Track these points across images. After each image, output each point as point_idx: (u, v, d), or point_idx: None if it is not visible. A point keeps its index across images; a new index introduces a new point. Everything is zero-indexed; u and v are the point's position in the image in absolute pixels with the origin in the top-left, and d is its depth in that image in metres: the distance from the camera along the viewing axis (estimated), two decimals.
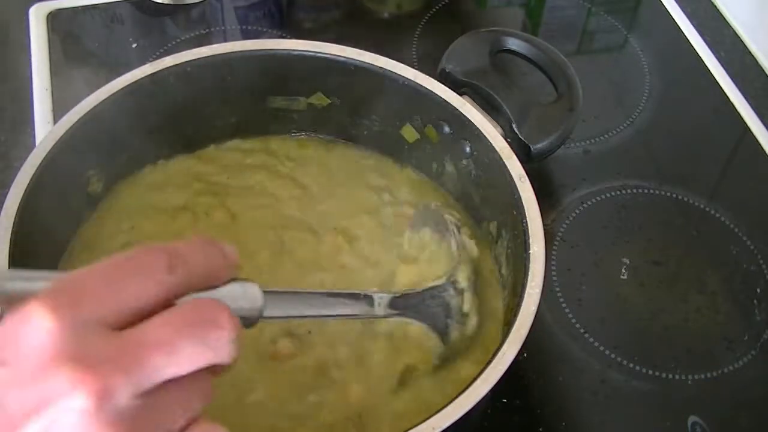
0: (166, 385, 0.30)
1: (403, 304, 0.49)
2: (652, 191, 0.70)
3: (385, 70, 0.58)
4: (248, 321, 0.35)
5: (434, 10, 0.83)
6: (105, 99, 0.55)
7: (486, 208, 0.58)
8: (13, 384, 0.29)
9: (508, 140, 0.56)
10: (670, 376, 0.59)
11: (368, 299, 0.46)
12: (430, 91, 0.57)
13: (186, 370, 0.31)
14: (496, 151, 0.54)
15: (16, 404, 0.28)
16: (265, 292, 0.36)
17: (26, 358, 0.29)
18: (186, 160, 0.62)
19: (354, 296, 0.45)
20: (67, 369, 0.28)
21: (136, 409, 0.29)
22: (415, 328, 0.51)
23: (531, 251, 0.49)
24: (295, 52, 0.59)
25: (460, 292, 0.53)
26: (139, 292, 0.31)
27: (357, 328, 0.53)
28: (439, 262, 0.55)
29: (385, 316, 0.47)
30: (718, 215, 0.68)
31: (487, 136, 0.55)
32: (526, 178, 0.53)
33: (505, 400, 0.56)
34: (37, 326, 0.29)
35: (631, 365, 0.59)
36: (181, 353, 0.30)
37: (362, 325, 0.52)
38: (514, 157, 0.54)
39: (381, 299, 0.47)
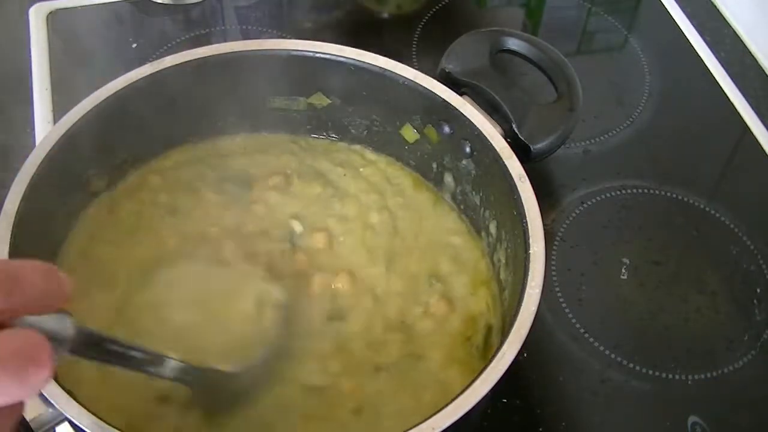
0: None
1: (189, 377, 0.46)
2: (652, 191, 0.70)
3: (385, 70, 0.58)
4: (57, 353, 0.33)
5: (434, 10, 0.83)
6: (105, 99, 0.55)
7: (486, 208, 0.58)
8: None
9: (508, 140, 0.56)
10: (670, 376, 0.59)
11: (169, 365, 0.44)
12: (430, 91, 0.57)
13: (2, 403, 0.29)
14: (496, 151, 0.54)
15: None
16: (82, 334, 0.34)
17: None
18: (186, 159, 0.62)
19: (158, 359, 0.43)
20: None
21: None
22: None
23: (531, 251, 0.49)
24: (295, 52, 0.59)
25: None
26: None
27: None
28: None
29: (172, 379, 0.45)
30: (718, 215, 0.68)
31: (487, 136, 0.55)
32: (526, 178, 0.53)
33: (505, 400, 0.56)
34: None
35: (631, 365, 0.59)
36: None
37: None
38: (514, 157, 0.54)
39: (174, 367, 0.44)
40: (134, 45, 0.78)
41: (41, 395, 0.41)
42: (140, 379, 0.44)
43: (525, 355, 0.53)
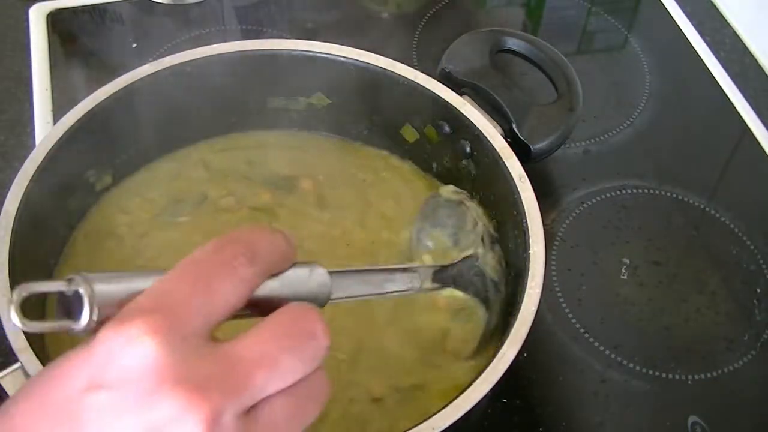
0: (274, 398, 0.30)
1: (444, 276, 0.50)
2: (652, 191, 0.70)
3: (385, 70, 0.58)
4: (318, 303, 0.35)
5: (434, 10, 0.83)
6: (105, 99, 0.55)
7: (486, 208, 0.58)
8: (119, 410, 0.28)
9: (508, 140, 0.56)
10: (670, 376, 0.59)
11: (417, 274, 0.47)
12: (430, 91, 0.57)
13: (288, 383, 0.30)
14: (496, 151, 0.54)
15: (124, 431, 0.28)
16: (329, 272, 0.36)
17: (131, 381, 0.28)
18: (185, 160, 0.62)
19: (405, 270, 0.46)
20: (174, 394, 0.28)
21: (246, 427, 0.29)
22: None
23: (531, 251, 0.49)
24: (295, 52, 0.59)
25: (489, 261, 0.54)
26: (228, 294, 0.30)
27: None
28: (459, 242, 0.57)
29: (431, 290, 0.49)
30: (718, 215, 0.68)
31: (487, 136, 0.55)
32: (526, 178, 0.53)
33: (505, 400, 0.56)
34: (139, 347, 0.28)
35: (631, 365, 0.59)
36: (283, 368, 0.30)
37: None
38: (514, 157, 0.54)
39: (426, 273, 0.48)
40: (134, 45, 0.78)
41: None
42: None
43: (525, 355, 0.53)
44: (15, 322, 0.29)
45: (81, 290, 0.30)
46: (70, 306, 0.30)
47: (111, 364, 0.28)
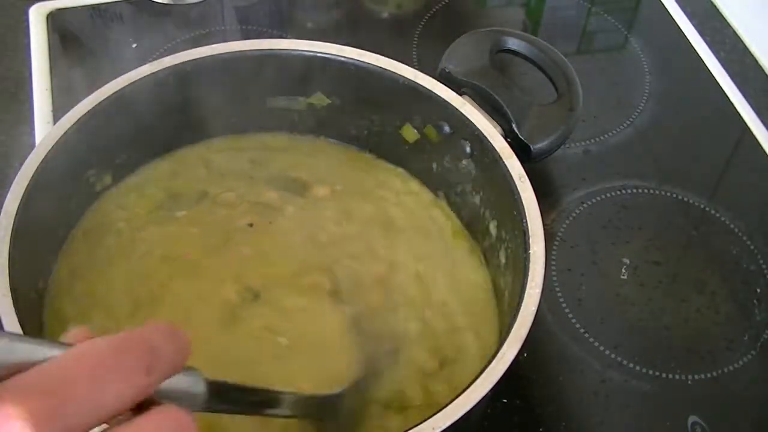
0: None
1: (304, 409, 0.46)
2: (652, 191, 0.70)
3: (385, 70, 0.58)
4: (192, 408, 0.33)
5: (434, 10, 0.83)
6: (105, 99, 0.55)
7: (486, 208, 0.58)
8: None
9: (508, 140, 0.56)
10: (670, 376, 0.59)
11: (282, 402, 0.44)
12: (430, 91, 0.57)
13: None
14: (496, 151, 0.54)
15: None
16: (209, 382, 0.34)
17: None
18: (185, 160, 0.62)
19: (290, 397, 0.44)
20: None
21: None
22: None
23: (531, 251, 0.49)
24: (295, 52, 0.59)
25: None
26: (118, 397, 0.29)
27: None
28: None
29: (289, 416, 0.45)
30: (718, 215, 0.68)
31: (487, 136, 0.55)
32: (526, 178, 0.53)
33: (505, 400, 0.56)
34: (11, 429, 0.26)
35: (631, 365, 0.59)
36: None
37: None
38: (514, 157, 0.54)
39: (291, 401, 0.45)
40: (134, 45, 0.78)
41: None
42: None
43: (525, 355, 0.53)
44: None
45: None
46: None
47: None
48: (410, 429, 0.41)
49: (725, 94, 0.77)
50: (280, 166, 0.62)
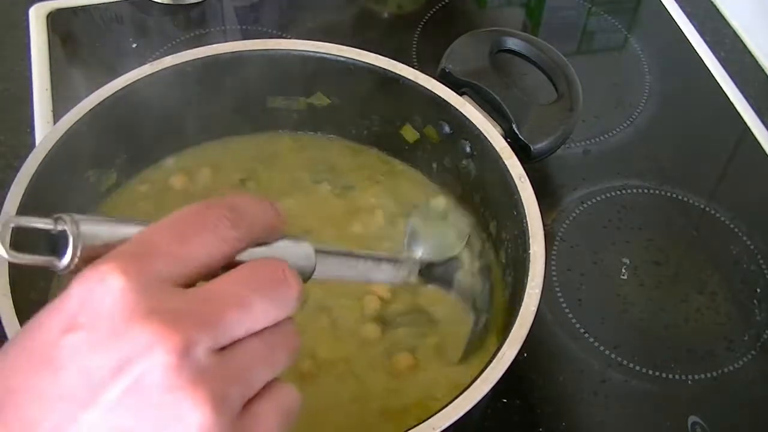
0: (246, 341, 0.30)
1: (430, 273, 0.50)
2: (652, 191, 0.70)
3: (385, 70, 0.58)
4: (302, 277, 0.35)
5: (434, 10, 0.83)
6: (105, 99, 0.55)
7: (486, 208, 0.58)
8: (93, 347, 0.28)
9: (508, 140, 0.56)
10: (670, 376, 0.59)
11: (403, 266, 0.47)
12: (430, 91, 0.57)
13: (260, 326, 0.31)
14: (496, 151, 0.54)
15: (98, 367, 0.28)
16: (316, 250, 0.36)
17: (103, 319, 0.28)
18: (185, 160, 0.62)
19: (392, 261, 0.46)
20: (144, 326, 0.28)
21: (217, 364, 0.29)
22: None
23: (531, 251, 0.49)
24: (295, 52, 0.59)
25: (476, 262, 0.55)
26: (206, 249, 0.31)
27: None
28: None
29: (417, 284, 0.49)
30: (718, 215, 0.68)
31: (487, 136, 0.55)
32: (526, 178, 0.53)
33: (505, 400, 0.56)
34: (111, 287, 0.29)
35: (631, 365, 0.59)
36: (254, 309, 0.30)
37: None
38: (514, 157, 0.54)
39: (413, 267, 0.48)
40: (134, 45, 0.78)
41: None
42: None
43: (525, 355, 0.53)
44: (1, 253, 0.30)
45: (67, 229, 0.30)
46: (56, 245, 0.31)
47: (85, 304, 0.29)
48: (410, 429, 0.41)
49: (725, 94, 0.77)
50: (280, 166, 0.62)
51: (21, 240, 0.30)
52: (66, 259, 0.30)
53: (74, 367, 0.28)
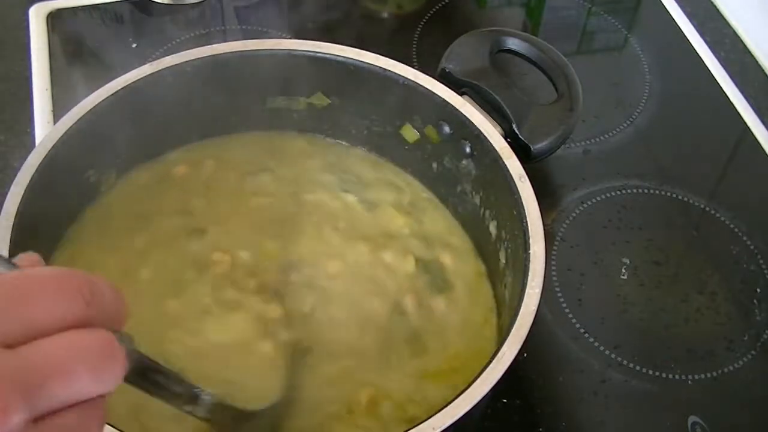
0: (62, 412, 0.29)
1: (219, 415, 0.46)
2: (652, 191, 0.70)
3: (385, 70, 0.58)
4: None
5: (434, 10, 0.83)
6: (105, 99, 0.55)
7: (486, 208, 0.58)
8: None
9: (508, 140, 0.56)
10: (670, 376, 0.59)
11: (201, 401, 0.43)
12: (430, 91, 0.57)
13: (80, 399, 0.29)
14: (496, 151, 0.54)
15: None
16: (143, 358, 0.34)
17: None
18: (185, 160, 0.62)
19: (210, 399, 0.43)
20: None
21: None
22: None
23: (531, 251, 0.49)
24: (295, 52, 0.59)
25: None
26: (50, 316, 0.29)
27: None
28: None
29: (202, 418, 0.44)
30: (718, 215, 0.68)
31: (487, 136, 0.55)
32: (526, 178, 0.53)
33: (505, 400, 0.56)
34: None
35: (631, 365, 0.59)
36: (79, 381, 0.29)
37: None
38: (514, 157, 0.54)
39: (208, 403, 0.43)
40: (134, 45, 0.78)
41: None
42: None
43: (525, 355, 0.53)
44: None
45: None
46: None
47: None
48: (410, 429, 0.41)
49: (725, 94, 0.77)
50: (279, 166, 0.62)
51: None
52: None
53: None
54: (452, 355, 0.54)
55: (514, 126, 0.57)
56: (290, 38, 0.63)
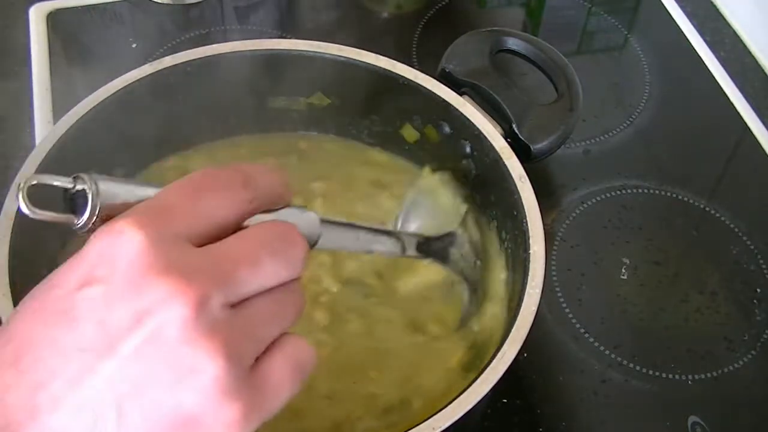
0: (256, 298, 0.32)
1: (427, 247, 0.52)
2: (652, 191, 0.70)
3: (385, 70, 0.58)
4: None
5: (434, 10, 0.83)
6: (105, 99, 0.55)
7: (486, 208, 0.58)
8: (110, 301, 0.29)
9: (508, 140, 0.56)
10: (670, 376, 0.59)
11: (401, 240, 0.49)
12: (430, 91, 0.57)
13: (269, 284, 0.32)
14: (496, 151, 0.54)
15: (115, 320, 0.29)
16: (321, 219, 0.37)
17: (120, 273, 0.29)
18: (185, 160, 0.62)
19: (392, 235, 0.49)
20: (161, 280, 0.29)
21: (230, 319, 0.30)
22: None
23: (531, 251, 0.49)
24: (295, 52, 0.59)
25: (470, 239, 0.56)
26: (219, 208, 0.32)
27: None
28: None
29: (414, 257, 0.51)
30: (718, 215, 0.68)
31: (487, 136, 0.55)
32: (526, 178, 0.53)
33: (505, 400, 0.56)
34: (129, 242, 0.29)
35: (631, 365, 0.59)
36: (265, 267, 0.32)
37: None
38: (514, 157, 0.54)
39: (410, 241, 0.50)
40: (134, 45, 0.78)
41: None
42: None
43: (525, 355, 0.53)
44: (22, 208, 0.31)
45: (86, 188, 0.31)
46: (75, 204, 0.32)
47: (103, 258, 0.30)
48: (410, 429, 0.41)
49: (725, 94, 0.77)
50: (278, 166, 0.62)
51: (40, 200, 0.31)
52: (84, 217, 0.31)
53: (92, 319, 0.29)
54: None
55: (514, 126, 0.57)
56: (290, 38, 0.62)
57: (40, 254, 0.53)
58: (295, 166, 0.62)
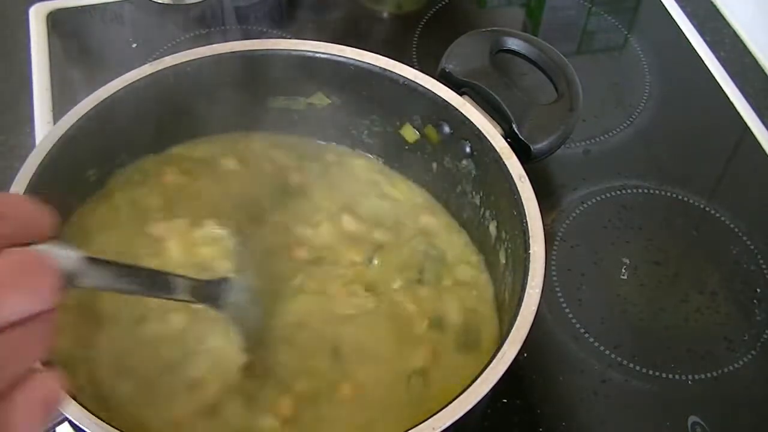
0: (5, 330, 0.29)
1: (203, 292, 0.48)
2: (652, 191, 0.70)
3: (385, 70, 0.58)
4: (67, 281, 0.34)
5: (434, 10, 0.83)
6: (105, 99, 0.55)
7: (486, 208, 0.58)
8: None
9: (508, 140, 0.56)
10: (670, 376, 0.59)
11: (176, 284, 0.45)
12: (430, 91, 0.57)
13: (13, 318, 0.30)
14: (496, 151, 0.54)
15: None
16: (86, 257, 0.35)
17: None
18: (185, 160, 0.62)
19: (167, 276, 0.45)
20: None
21: None
22: None
23: (531, 251, 0.49)
24: (295, 52, 0.59)
25: None
26: None
27: None
28: None
29: (188, 301, 0.47)
30: (718, 215, 0.68)
31: (487, 136, 0.55)
32: (526, 178, 0.53)
33: (505, 400, 0.56)
34: None
35: (631, 365, 0.59)
36: (7, 301, 0.29)
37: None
38: (514, 157, 0.54)
39: (186, 285, 0.46)
40: (134, 45, 0.78)
41: None
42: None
43: (525, 355, 0.53)
44: None
45: None
46: None
47: None
48: (410, 429, 0.41)
49: (725, 94, 0.77)
50: (278, 165, 0.62)
51: None
52: None
53: None
54: None
55: (514, 126, 0.57)
56: (290, 38, 0.62)
57: None
58: (295, 166, 0.63)
